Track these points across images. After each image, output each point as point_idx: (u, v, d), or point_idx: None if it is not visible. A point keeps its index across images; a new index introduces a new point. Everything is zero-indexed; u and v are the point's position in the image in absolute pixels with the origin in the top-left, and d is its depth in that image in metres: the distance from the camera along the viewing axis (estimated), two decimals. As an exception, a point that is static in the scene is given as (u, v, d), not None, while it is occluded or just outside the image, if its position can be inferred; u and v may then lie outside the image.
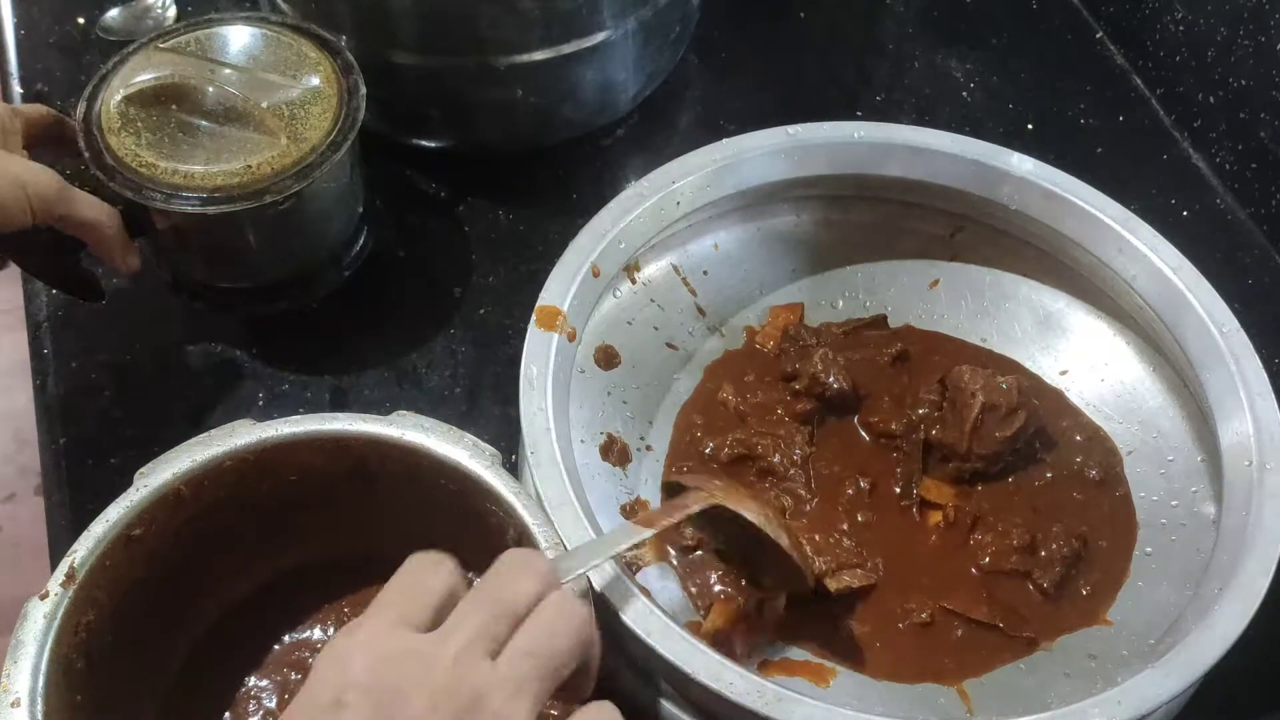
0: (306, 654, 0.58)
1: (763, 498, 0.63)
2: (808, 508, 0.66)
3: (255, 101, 0.66)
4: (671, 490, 0.62)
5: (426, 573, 0.45)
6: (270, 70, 0.68)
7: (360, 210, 0.75)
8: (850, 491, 0.67)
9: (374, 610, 0.43)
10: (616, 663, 0.57)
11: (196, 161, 0.64)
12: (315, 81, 0.68)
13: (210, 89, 0.66)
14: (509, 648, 0.43)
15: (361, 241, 0.75)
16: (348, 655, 0.42)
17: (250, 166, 0.65)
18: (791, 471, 0.66)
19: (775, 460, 0.66)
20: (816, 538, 0.63)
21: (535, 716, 0.42)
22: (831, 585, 0.62)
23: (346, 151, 0.67)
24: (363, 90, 0.69)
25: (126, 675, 0.54)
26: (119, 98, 0.66)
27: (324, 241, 0.73)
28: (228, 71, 0.67)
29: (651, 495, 0.66)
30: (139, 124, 0.65)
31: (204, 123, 0.66)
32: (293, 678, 0.57)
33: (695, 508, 0.56)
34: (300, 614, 0.59)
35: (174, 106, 0.66)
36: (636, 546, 0.56)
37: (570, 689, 0.45)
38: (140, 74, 0.66)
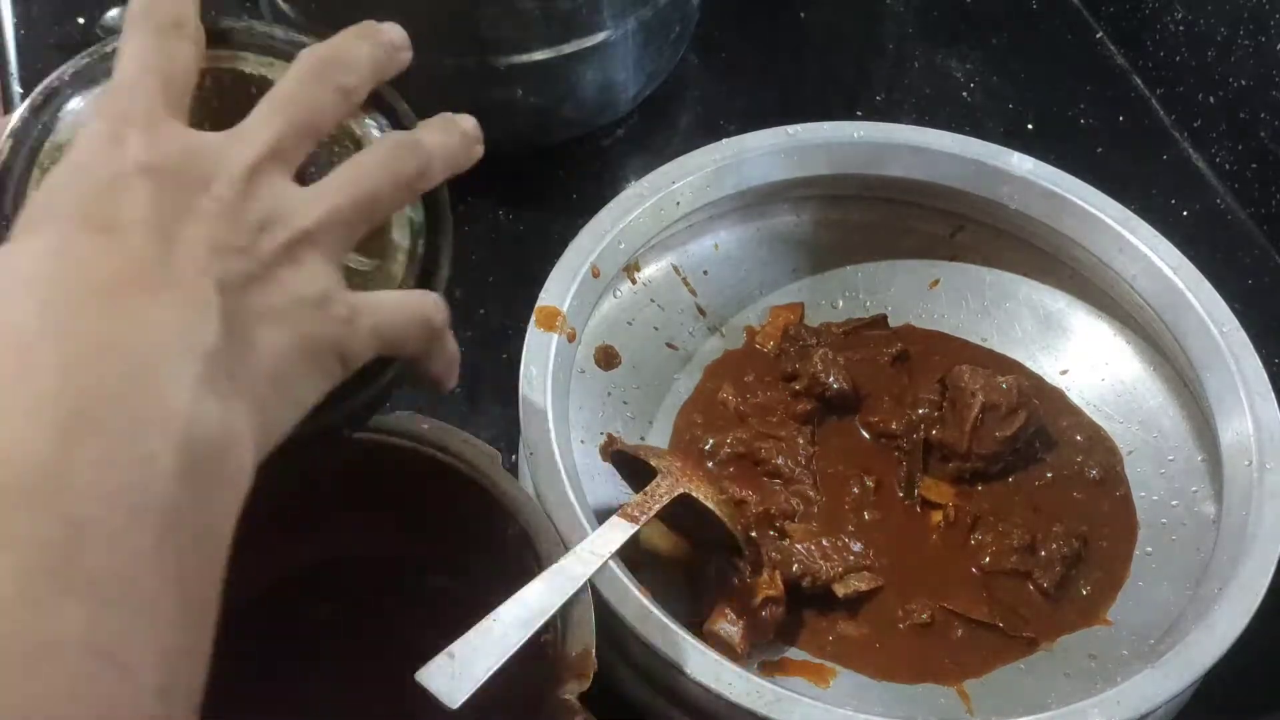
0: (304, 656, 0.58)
1: (710, 476, 0.64)
2: (816, 509, 0.66)
3: None
4: (620, 460, 0.64)
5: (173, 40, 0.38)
6: None
7: None
8: (856, 490, 0.67)
9: (127, 88, 0.37)
10: (616, 663, 0.57)
11: None
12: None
13: None
14: (324, 181, 0.38)
15: None
16: (120, 134, 0.35)
17: None
18: (798, 472, 0.66)
19: (780, 462, 0.66)
20: (824, 542, 0.63)
21: (337, 265, 0.38)
22: (840, 590, 0.62)
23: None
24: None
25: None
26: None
27: None
28: None
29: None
30: None
31: None
32: (290, 679, 0.57)
33: (667, 498, 0.58)
34: (299, 615, 0.59)
35: None
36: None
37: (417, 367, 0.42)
38: None
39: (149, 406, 0.31)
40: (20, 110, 0.40)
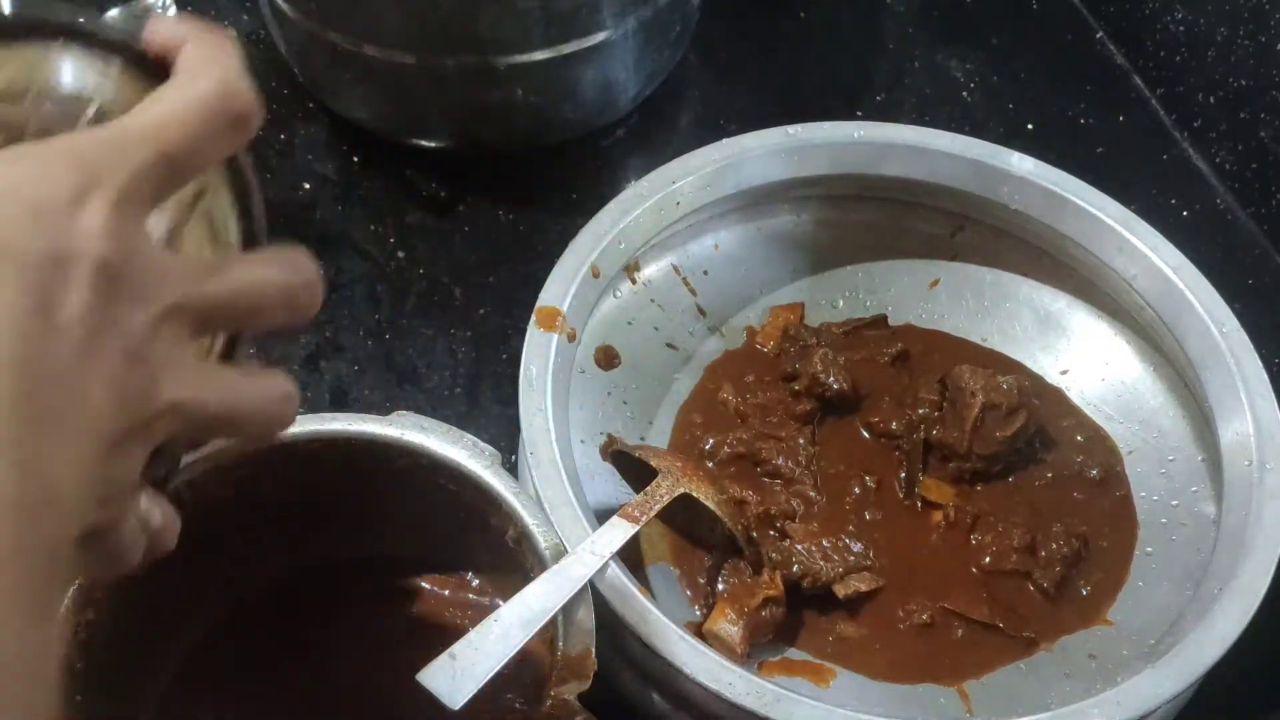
0: (305, 656, 0.58)
1: (711, 476, 0.64)
2: (816, 509, 0.66)
3: None
4: (620, 460, 0.64)
5: None
6: None
7: None
8: (856, 490, 0.67)
9: None
10: (616, 663, 0.57)
11: None
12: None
13: None
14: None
15: None
16: (85, 194, 0.31)
17: None
18: (798, 473, 0.66)
19: (780, 463, 0.66)
20: (824, 542, 0.63)
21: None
22: (840, 591, 0.62)
23: None
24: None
25: (126, 674, 0.54)
26: None
27: None
28: None
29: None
30: None
31: None
32: (291, 679, 0.57)
33: (668, 498, 0.59)
34: (300, 615, 0.59)
35: None
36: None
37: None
38: None
39: None
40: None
